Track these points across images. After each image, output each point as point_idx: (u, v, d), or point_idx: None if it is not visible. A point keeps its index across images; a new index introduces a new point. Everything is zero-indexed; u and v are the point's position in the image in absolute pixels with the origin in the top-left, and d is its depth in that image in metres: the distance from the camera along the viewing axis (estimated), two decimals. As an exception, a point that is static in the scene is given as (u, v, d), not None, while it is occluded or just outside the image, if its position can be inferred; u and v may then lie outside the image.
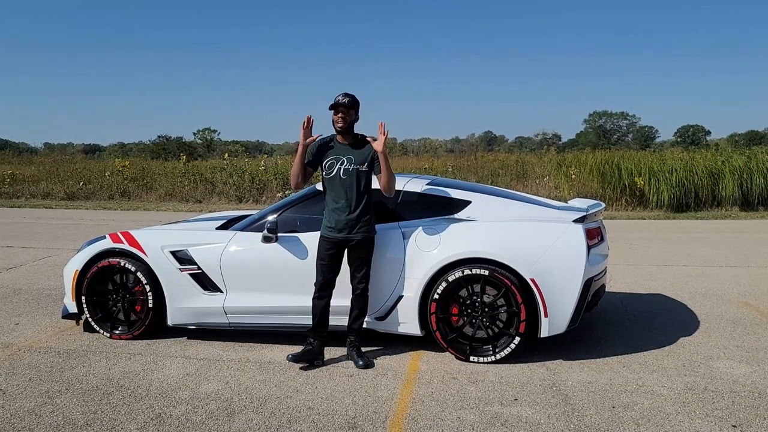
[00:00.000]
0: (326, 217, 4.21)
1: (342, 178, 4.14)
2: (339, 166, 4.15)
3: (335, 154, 4.19)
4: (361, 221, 4.15)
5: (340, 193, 4.14)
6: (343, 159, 4.16)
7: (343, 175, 4.14)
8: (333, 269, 4.19)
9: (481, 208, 4.51)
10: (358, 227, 4.15)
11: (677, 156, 16.95)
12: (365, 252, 4.21)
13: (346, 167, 4.14)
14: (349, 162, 4.15)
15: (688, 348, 4.55)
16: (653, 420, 3.34)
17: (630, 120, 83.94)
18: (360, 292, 4.25)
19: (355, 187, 4.14)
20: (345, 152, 4.18)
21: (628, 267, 7.68)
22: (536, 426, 3.28)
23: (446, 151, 53.71)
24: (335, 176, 4.16)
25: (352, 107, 4.20)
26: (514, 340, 4.16)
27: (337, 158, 4.17)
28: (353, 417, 3.42)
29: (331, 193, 4.19)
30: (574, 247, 4.20)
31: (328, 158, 4.19)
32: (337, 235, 4.14)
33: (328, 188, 4.21)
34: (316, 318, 4.22)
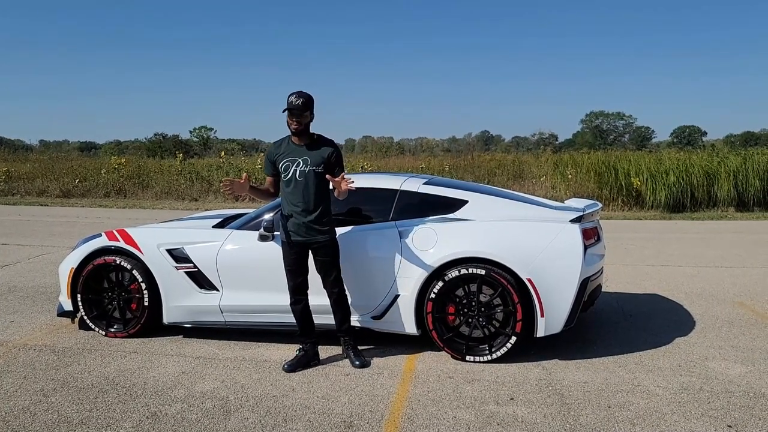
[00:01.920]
0: (283, 220, 4.10)
1: (298, 180, 4.00)
2: (295, 168, 4.01)
3: (291, 155, 4.03)
4: (319, 224, 4.04)
5: (297, 195, 4.01)
6: (299, 161, 4.01)
7: (299, 177, 4.00)
8: (301, 272, 4.12)
9: (478, 207, 4.51)
10: (317, 230, 4.04)
11: (673, 156, 16.99)
12: (330, 255, 4.10)
13: (302, 169, 4.00)
14: (305, 164, 4.00)
15: (683, 348, 4.56)
16: (649, 420, 3.34)
17: (626, 120, 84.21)
18: (336, 297, 4.17)
19: (312, 189, 4.01)
20: (301, 153, 4.03)
21: (624, 267, 7.70)
22: (532, 425, 3.28)
23: (443, 150, 53.75)
24: (291, 178, 4.01)
25: (307, 108, 3.98)
26: (511, 339, 4.17)
27: (293, 160, 4.02)
28: (349, 416, 3.42)
29: (288, 195, 4.06)
30: (571, 247, 4.20)
31: (284, 160, 4.04)
32: (297, 238, 4.04)
33: (285, 191, 4.08)
34: (300, 323, 4.19)
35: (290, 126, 4.00)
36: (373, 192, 4.73)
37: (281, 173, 4.05)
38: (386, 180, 4.82)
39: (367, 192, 4.76)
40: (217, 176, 17.82)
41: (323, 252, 4.08)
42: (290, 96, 3.94)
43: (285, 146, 4.08)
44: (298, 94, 3.94)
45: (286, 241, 4.08)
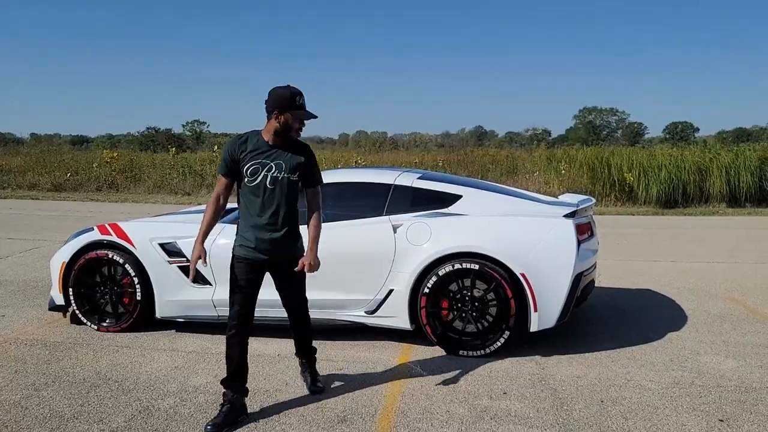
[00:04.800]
0: (243, 233, 3.37)
1: (269, 188, 3.28)
2: (265, 173, 3.27)
3: (261, 157, 3.28)
4: (290, 238, 3.41)
5: (265, 206, 3.30)
6: (271, 165, 3.28)
7: (270, 184, 3.28)
8: (252, 298, 3.39)
9: (472, 202, 4.51)
10: (285, 248, 3.39)
11: (666, 152, 17.06)
12: (297, 272, 3.43)
13: (274, 175, 3.28)
14: (279, 169, 3.28)
15: (675, 343, 4.58)
16: (641, 414, 3.36)
17: (619, 116, 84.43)
18: (300, 314, 3.67)
19: (284, 200, 3.32)
20: (273, 156, 3.29)
21: (616, 262, 7.73)
22: (525, 420, 3.29)
23: (436, 145, 53.74)
24: (260, 185, 3.28)
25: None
26: (504, 334, 4.17)
27: (263, 163, 3.27)
28: (343, 410, 3.41)
29: (251, 204, 3.32)
30: (564, 242, 4.21)
31: (252, 162, 3.27)
32: (258, 255, 3.34)
33: (248, 198, 3.33)
34: (233, 364, 3.33)
35: (291, 130, 3.30)
36: (367, 186, 4.73)
37: (245, 177, 3.28)
38: (380, 174, 4.80)
39: (361, 186, 4.76)
40: (210, 170, 17.75)
41: (293, 267, 3.42)
42: (296, 94, 3.26)
43: (253, 144, 3.30)
44: (301, 93, 3.31)
45: (243, 258, 3.34)
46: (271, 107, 3.25)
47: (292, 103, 3.24)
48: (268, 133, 3.31)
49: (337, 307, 4.44)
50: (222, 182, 3.35)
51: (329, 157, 20.21)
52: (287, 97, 3.24)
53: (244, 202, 3.35)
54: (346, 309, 4.44)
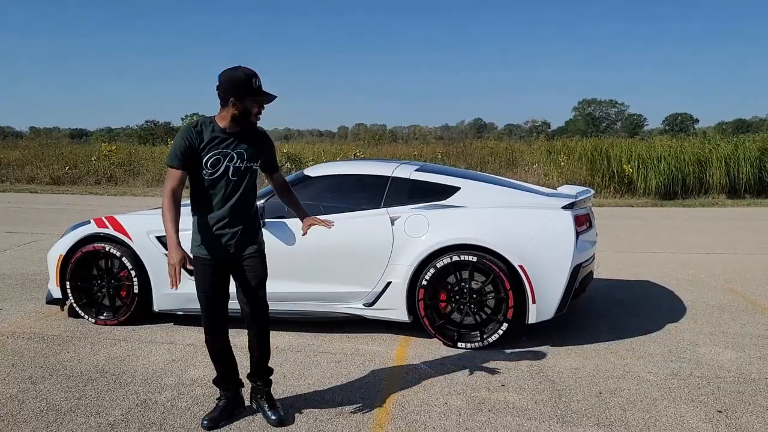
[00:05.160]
0: (201, 231, 3.04)
1: (232, 179, 2.99)
2: (227, 163, 2.97)
3: (221, 146, 2.96)
4: (254, 232, 3.16)
5: (228, 199, 3.01)
6: (232, 154, 2.97)
7: (233, 175, 2.99)
8: (223, 301, 3.15)
9: (470, 194, 4.48)
10: (251, 240, 3.13)
11: (665, 144, 17.02)
12: (263, 263, 3.19)
13: (237, 165, 2.99)
14: (241, 158, 2.99)
15: (674, 334, 4.57)
16: (639, 405, 3.35)
17: (619, 108, 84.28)
18: (262, 320, 3.24)
19: (249, 191, 3.08)
20: (234, 145, 2.99)
21: (615, 254, 7.72)
22: (523, 412, 3.29)
23: (436, 138, 53.55)
24: (221, 177, 2.97)
25: None
26: (502, 326, 4.16)
27: (225, 153, 2.96)
28: (340, 403, 3.41)
29: (211, 199, 3.00)
30: (563, 234, 4.19)
31: (213, 153, 2.94)
32: (221, 254, 3.05)
33: (206, 192, 3.00)
34: (221, 366, 3.25)
35: (250, 116, 2.98)
36: (365, 179, 4.71)
37: (204, 169, 2.94)
38: (378, 167, 4.78)
39: (359, 179, 4.74)
40: (208, 163, 17.67)
41: (255, 262, 3.14)
42: (251, 76, 2.92)
43: (210, 133, 2.96)
44: (256, 74, 2.95)
45: (204, 259, 3.03)
46: (226, 94, 2.91)
47: (248, 87, 2.91)
48: (223, 120, 2.97)
49: (335, 300, 4.43)
50: (176, 176, 2.92)
51: (328, 149, 20.17)
52: (243, 80, 2.89)
53: (202, 197, 3.00)
54: (344, 301, 4.43)
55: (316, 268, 4.41)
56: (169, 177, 2.94)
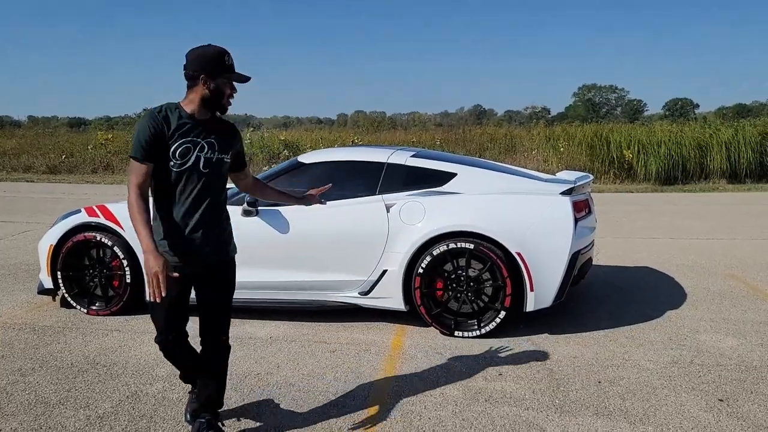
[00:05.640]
0: (168, 235, 2.59)
1: (203, 172, 2.60)
2: (198, 153, 2.59)
3: (190, 134, 2.57)
4: (227, 237, 2.80)
5: (200, 195, 2.61)
6: (203, 143, 2.60)
7: (204, 167, 2.59)
8: (183, 310, 2.75)
9: (467, 180, 4.40)
10: (223, 248, 2.77)
11: (666, 129, 16.90)
12: (230, 275, 2.85)
13: (208, 156, 2.61)
14: (212, 148, 2.62)
15: (674, 321, 4.51)
16: (639, 394, 3.29)
17: (619, 93, 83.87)
18: (223, 349, 2.90)
19: (219, 186, 2.71)
20: (204, 133, 2.61)
21: (615, 240, 7.64)
22: (521, 401, 3.23)
23: (435, 125, 53.33)
24: (192, 169, 2.57)
25: None
26: (500, 314, 4.10)
27: (195, 142, 2.58)
28: (334, 393, 3.35)
29: (180, 195, 2.59)
30: (561, 220, 4.12)
31: (181, 141, 2.54)
32: (192, 261, 2.64)
33: (175, 188, 2.58)
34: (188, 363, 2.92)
35: (223, 98, 2.61)
36: (360, 165, 4.62)
37: (172, 160, 2.54)
38: (373, 153, 4.69)
39: (354, 165, 4.66)
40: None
41: (227, 271, 2.82)
42: (224, 53, 2.59)
43: (176, 119, 2.56)
44: (228, 52, 2.61)
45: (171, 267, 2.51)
46: (197, 71, 2.54)
47: (221, 65, 2.56)
48: (191, 104, 2.59)
49: (330, 289, 4.36)
50: (142, 170, 2.50)
51: (326, 137, 20.03)
52: (215, 57, 2.56)
53: (167, 193, 2.58)
54: (339, 290, 4.36)
55: (311, 256, 4.34)
56: (134, 171, 2.51)
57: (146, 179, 2.52)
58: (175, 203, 2.60)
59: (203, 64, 2.55)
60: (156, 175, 2.55)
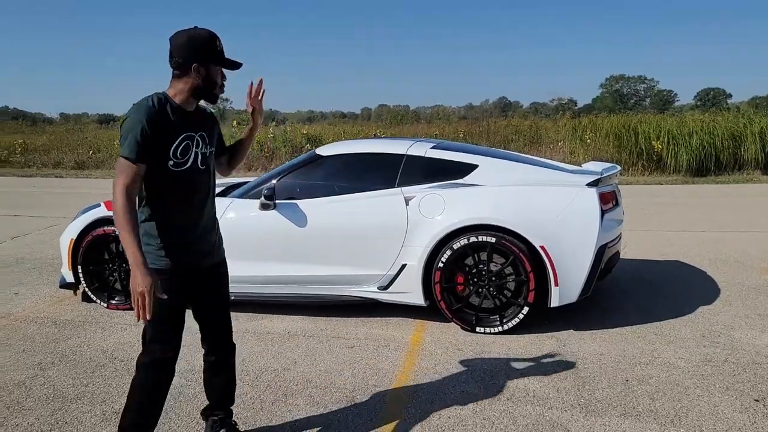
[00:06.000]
0: (166, 238, 2.34)
1: (201, 169, 2.40)
2: (195, 150, 2.37)
3: (186, 130, 2.33)
4: (220, 241, 2.63)
5: (198, 194, 2.42)
6: (197, 138, 2.38)
7: (201, 164, 2.40)
8: (181, 320, 2.49)
9: (489, 172, 4.28)
10: (219, 249, 2.61)
11: (697, 118, 16.42)
12: (227, 274, 2.69)
13: (203, 152, 2.41)
14: (204, 142, 2.42)
15: (707, 317, 4.33)
16: (669, 394, 3.15)
17: (648, 84, 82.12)
18: (232, 350, 2.79)
19: (213, 182, 2.53)
20: (196, 126, 2.39)
21: (644, 233, 7.42)
22: (544, 400, 3.11)
23: (459, 118, 52.86)
24: (191, 167, 2.36)
25: None
26: (523, 310, 3.98)
27: (191, 137, 2.35)
28: (352, 390, 3.27)
29: (178, 196, 2.35)
30: (587, 213, 3.97)
31: (181, 139, 2.31)
32: (193, 263, 2.44)
33: (174, 189, 2.33)
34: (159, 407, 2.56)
35: (215, 86, 2.37)
36: (379, 157, 4.53)
37: (171, 159, 2.29)
38: (392, 145, 4.60)
39: (372, 157, 4.58)
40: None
41: (222, 273, 2.63)
42: (215, 38, 2.35)
43: (173, 114, 2.30)
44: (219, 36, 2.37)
45: (170, 274, 2.33)
46: (188, 58, 2.28)
47: (213, 51, 2.33)
48: (180, 95, 2.33)
49: (349, 283, 4.29)
50: (134, 172, 2.19)
51: (349, 130, 19.95)
52: (206, 41, 2.31)
53: (163, 196, 2.32)
54: (357, 285, 4.28)
55: (329, 250, 4.26)
56: (124, 172, 2.19)
57: (137, 182, 2.22)
58: (175, 206, 2.35)
59: (194, 51, 2.29)
60: (150, 177, 2.26)
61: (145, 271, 2.13)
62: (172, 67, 2.33)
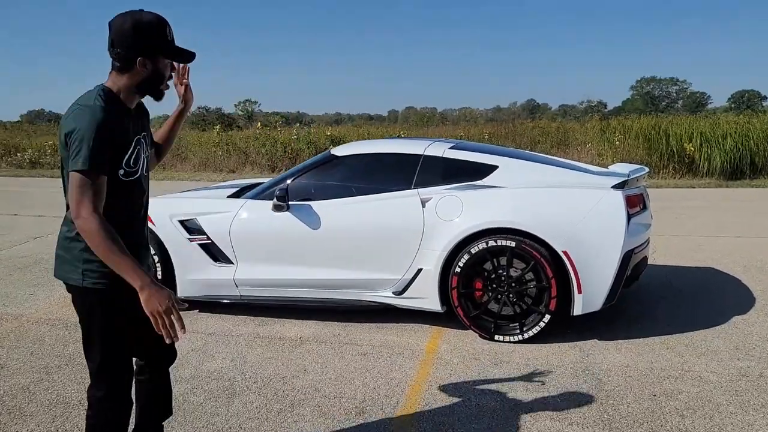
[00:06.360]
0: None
1: (145, 175, 2.15)
2: (143, 155, 2.11)
3: (135, 133, 2.06)
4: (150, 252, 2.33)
5: (143, 204, 2.16)
6: (142, 141, 2.10)
7: (146, 170, 2.15)
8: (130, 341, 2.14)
9: (509, 173, 4.10)
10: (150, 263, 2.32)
11: (731, 120, 15.91)
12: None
13: (146, 155, 2.15)
14: (145, 145, 2.15)
15: (741, 328, 4.08)
16: (700, 411, 2.94)
17: (680, 86, 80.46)
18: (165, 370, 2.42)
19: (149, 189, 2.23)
20: (139, 128, 2.10)
21: (674, 238, 7.13)
22: (564, 416, 2.93)
23: (486, 120, 52.41)
24: (139, 175, 2.08)
25: None
26: (544, 318, 3.79)
27: (139, 141, 2.08)
28: (362, 401, 3.13)
29: (125, 209, 2.05)
30: (612, 216, 3.77)
31: (133, 143, 2.04)
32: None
33: (120, 201, 2.00)
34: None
35: (163, 80, 2.07)
36: (395, 157, 4.40)
37: (122, 168, 1.99)
38: (409, 145, 4.45)
39: (388, 158, 4.44)
40: (253, 147, 17.70)
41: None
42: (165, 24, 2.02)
43: (122, 116, 1.99)
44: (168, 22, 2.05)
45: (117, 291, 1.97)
46: (133, 50, 1.96)
47: (163, 40, 2.01)
48: (125, 91, 2.01)
49: (363, 288, 4.15)
50: (101, 186, 1.88)
51: (374, 132, 19.83)
52: (155, 28, 1.99)
53: (112, 207, 1.93)
54: (372, 289, 4.14)
55: (342, 253, 4.13)
56: (89, 189, 1.84)
57: (102, 198, 1.88)
58: (121, 218, 2.00)
59: (140, 41, 1.96)
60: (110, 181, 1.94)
61: (158, 286, 1.86)
62: (113, 58, 1.99)
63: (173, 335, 1.89)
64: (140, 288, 1.83)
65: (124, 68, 1.98)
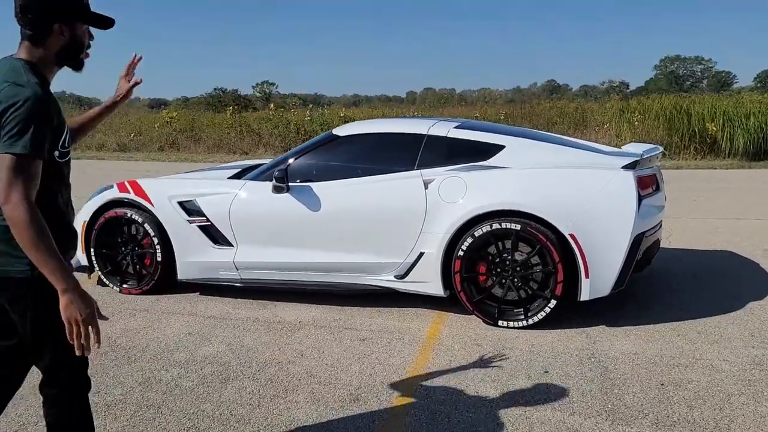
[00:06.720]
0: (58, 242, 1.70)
1: (71, 158, 1.99)
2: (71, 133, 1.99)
3: (62, 113, 1.86)
4: None
5: (69, 189, 1.97)
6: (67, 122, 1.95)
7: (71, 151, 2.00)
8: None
9: (516, 153, 3.95)
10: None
11: (755, 99, 15.44)
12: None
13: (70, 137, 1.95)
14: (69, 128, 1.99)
15: (758, 314, 3.91)
16: (710, 402, 2.80)
17: (705, 65, 78.51)
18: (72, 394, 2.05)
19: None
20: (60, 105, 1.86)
21: (691, 221, 6.92)
22: (566, 405, 2.81)
23: (506, 101, 51.67)
24: (69, 154, 1.94)
25: None
26: (550, 303, 3.66)
27: (65, 121, 1.89)
28: (357, 387, 3.04)
29: (60, 192, 1.89)
30: (622, 198, 3.61)
31: (64, 122, 1.87)
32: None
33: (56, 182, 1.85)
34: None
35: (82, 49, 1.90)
36: (398, 137, 4.27)
37: (58, 150, 1.83)
38: (412, 124, 4.32)
39: (391, 137, 4.31)
40: (266, 129, 17.62)
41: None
42: None
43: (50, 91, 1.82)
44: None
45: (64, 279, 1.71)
46: (47, 15, 1.78)
47: (78, 4, 1.84)
48: (45, 62, 1.82)
49: (364, 271, 4.05)
50: (36, 171, 1.69)
51: (389, 113, 19.64)
52: None
53: (50, 191, 1.81)
54: (373, 273, 4.04)
55: (343, 236, 4.03)
56: (23, 175, 1.65)
57: (38, 184, 1.71)
58: (60, 202, 1.88)
59: (54, 5, 1.79)
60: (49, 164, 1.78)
61: (81, 294, 1.71)
62: (24, 26, 1.79)
63: (86, 348, 1.73)
64: (63, 291, 1.68)
65: (38, 37, 1.79)
